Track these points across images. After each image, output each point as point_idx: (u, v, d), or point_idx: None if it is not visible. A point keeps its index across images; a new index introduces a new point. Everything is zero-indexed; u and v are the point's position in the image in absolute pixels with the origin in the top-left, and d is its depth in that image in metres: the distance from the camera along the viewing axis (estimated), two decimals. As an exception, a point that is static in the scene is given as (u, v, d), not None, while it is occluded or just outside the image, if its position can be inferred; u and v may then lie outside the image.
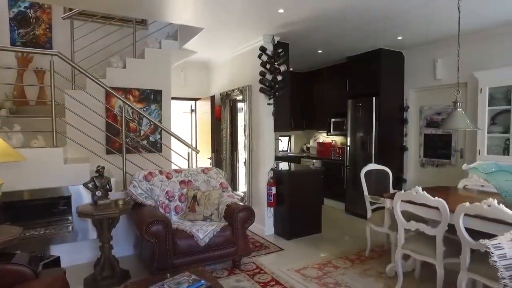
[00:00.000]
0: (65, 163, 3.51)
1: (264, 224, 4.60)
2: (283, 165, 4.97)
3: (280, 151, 7.19)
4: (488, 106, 4.07)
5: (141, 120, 4.83)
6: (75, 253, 3.51)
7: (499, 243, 1.51)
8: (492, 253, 1.50)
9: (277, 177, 4.50)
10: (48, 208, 3.40)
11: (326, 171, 5.93)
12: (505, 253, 1.49)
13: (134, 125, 4.75)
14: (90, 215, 2.97)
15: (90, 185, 3.14)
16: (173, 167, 4.54)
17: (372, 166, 4.01)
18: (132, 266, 3.47)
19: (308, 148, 7.40)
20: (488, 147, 4.10)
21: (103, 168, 3.20)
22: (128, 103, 4.12)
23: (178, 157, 4.58)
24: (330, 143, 6.68)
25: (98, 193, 3.12)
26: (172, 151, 4.74)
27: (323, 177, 4.85)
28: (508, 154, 3.89)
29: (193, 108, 6.80)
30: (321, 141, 6.97)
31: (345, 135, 5.81)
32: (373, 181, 3.92)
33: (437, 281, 2.63)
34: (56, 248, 3.40)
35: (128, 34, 4.98)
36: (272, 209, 4.60)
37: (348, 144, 5.64)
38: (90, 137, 3.91)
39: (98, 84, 3.92)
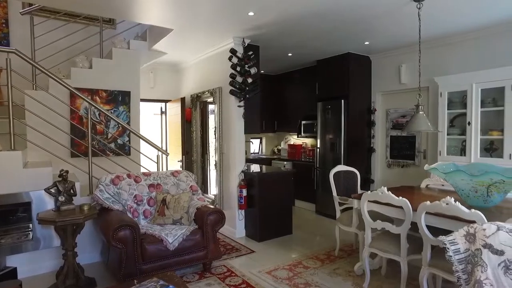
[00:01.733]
0: (24, 167, 3.33)
1: (235, 227, 4.59)
2: (254, 167, 4.98)
3: (251, 153, 7.22)
4: (447, 109, 4.30)
5: (109, 122, 4.68)
6: (35, 263, 3.33)
7: (454, 239, 1.60)
8: (448, 249, 1.59)
9: (248, 180, 4.51)
10: (5, 215, 3.20)
11: (297, 172, 6.00)
12: (459, 248, 1.57)
13: (101, 127, 4.59)
14: (52, 221, 2.83)
15: (52, 190, 2.99)
16: (142, 170, 4.44)
17: (341, 167, 4.12)
18: (99, 273, 3.35)
19: (279, 150, 7.48)
20: (447, 148, 4.32)
21: (67, 172, 3.07)
22: (95, 105, 3.98)
23: (147, 160, 4.48)
24: (301, 145, 6.78)
25: (61, 199, 2.98)
26: (141, 154, 4.63)
27: (294, 178, 4.91)
28: (465, 155, 4.11)
29: (163, 110, 6.68)
30: (292, 143, 7.07)
31: (315, 137, 5.92)
32: (342, 182, 4.02)
33: (401, 277, 2.74)
34: (14, 258, 3.21)
35: (94, 33, 4.81)
36: (243, 211, 4.60)
37: (318, 146, 5.75)
38: (53, 139, 3.74)
39: (62, 84, 3.76)
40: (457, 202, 2.28)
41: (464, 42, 4.37)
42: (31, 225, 3.25)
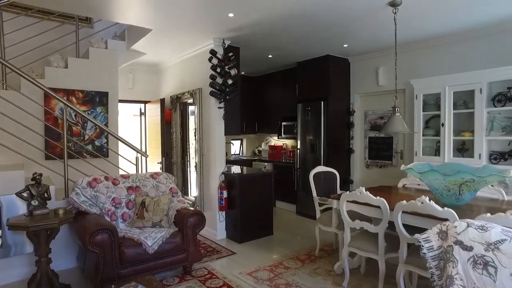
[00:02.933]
0: (-6, 170, 3.19)
1: (216, 229, 4.56)
2: (235, 169, 4.98)
3: (232, 154, 7.20)
4: (422, 111, 4.43)
5: (86, 124, 4.57)
6: (5, 271, 3.17)
7: (427, 237, 1.65)
8: (422, 246, 1.64)
9: (229, 181, 4.50)
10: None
11: (277, 173, 6.04)
12: (433, 245, 1.63)
13: (77, 129, 4.47)
14: (23, 227, 2.72)
15: (24, 194, 2.88)
16: (121, 172, 4.35)
17: (321, 168, 4.17)
18: (75, 279, 3.25)
19: (260, 151, 7.50)
20: (423, 148, 4.46)
21: (41, 175, 2.96)
22: (70, 105, 3.87)
23: (126, 162, 4.39)
24: (281, 146, 6.82)
25: (34, 203, 2.87)
26: (119, 156, 4.54)
27: (275, 179, 4.94)
28: (439, 155, 4.25)
29: (143, 111, 6.58)
30: (272, 144, 7.10)
31: (295, 138, 5.97)
32: (321, 183, 4.07)
33: (380, 275, 2.80)
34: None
35: (70, 32, 4.68)
36: (223, 213, 4.58)
37: (299, 147, 5.81)
38: (26, 141, 3.61)
39: (35, 84, 3.63)
40: (431, 201, 2.35)
41: (438, 46, 4.52)
42: (0, 231, 3.12)
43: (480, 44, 4.14)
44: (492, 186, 3.10)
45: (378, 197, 2.73)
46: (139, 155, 4.28)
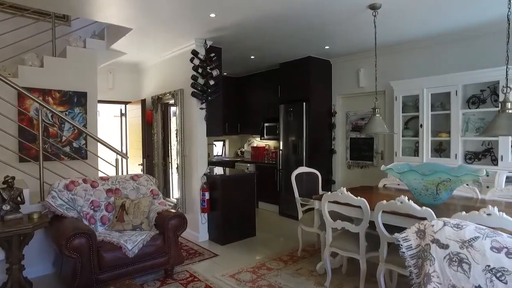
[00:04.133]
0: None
1: (198, 231, 4.51)
2: (218, 170, 4.94)
3: (214, 156, 7.16)
4: (402, 112, 4.53)
5: (63, 125, 4.43)
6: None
7: (406, 236, 1.68)
8: (401, 245, 1.66)
9: (211, 182, 4.46)
10: None
11: (260, 174, 6.04)
12: (411, 244, 1.66)
13: (54, 130, 4.33)
14: (-6, 232, 2.61)
15: (-5, 199, 2.77)
16: (100, 175, 4.24)
17: (302, 169, 4.19)
18: (51, 286, 3.15)
19: (242, 153, 7.48)
20: (402, 149, 4.55)
21: (13, 178, 2.85)
22: (46, 105, 3.75)
23: (105, 164, 4.29)
24: (264, 147, 6.83)
25: (6, 207, 2.75)
26: (98, 157, 4.42)
27: (257, 180, 4.93)
28: (418, 156, 4.36)
29: (123, 112, 6.45)
30: (255, 145, 7.10)
31: (278, 139, 5.99)
32: (304, 184, 4.09)
33: (361, 275, 2.83)
34: None
35: (46, 30, 4.52)
36: (206, 215, 4.54)
37: (281, 148, 5.83)
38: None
39: (7, 83, 3.49)
40: (410, 200, 2.40)
41: (416, 49, 4.63)
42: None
43: (455, 48, 4.27)
44: (467, 185, 3.19)
45: (359, 197, 2.77)
46: (119, 156, 4.20)
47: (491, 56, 3.77)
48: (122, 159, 4.51)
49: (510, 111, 2.31)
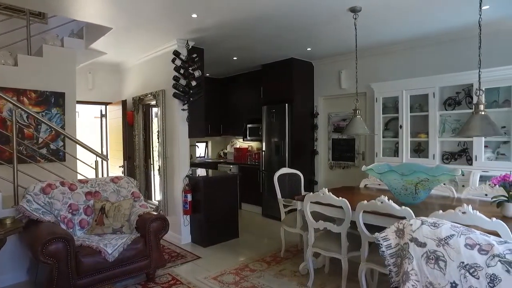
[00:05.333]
0: None
1: (180, 233, 4.46)
2: (200, 172, 4.91)
3: (197, 157, 7.11)
4: (382, 113, 4.62)
5: (39, 126, 4.30)
6: None
7: (386, 235, 1.71)
8: (381, 244, 1.70)
9: (193, 184, 4.42)
10: None
11: (243, 176, 6.03)
12: (391, 243, 1.69)
13: (29, 132, 4.19)
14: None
15: (-33, 203, 2.65)
16: (79, 177, 4.13)
17: (285, 170, 4.21)
18: (25, 293, 3.04)
19: (225, 154, 7.45)
20: (383, 150, 4.64)
21: (-14, 181, 2.74)
22: (20, 106, 3.63)
23: (85, 166, 4.18)
24: (247, 148, 6.83)
25: (-22, 212, 2.65)
26: (77, 160, 4.31)
27: (240, 182, 4.92)
28: (398, 156, 4.45)
29: (103, 113, 6.31)
30: (238, 146, 7.09)
31: (260, 141, 6.00)
32: (286, 184, 4.11)
33: (343, 274, 2.87)
34: None
35: (20, 27, 4.37)
36: (188, 217, 4.50)
37: (264, 149, 5.84)
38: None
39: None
40: (390, 200, 2.44)
41: (396, 52, 4.74)
42: None
43: (433, 51, 4.39)
44: (444, 184, 3.28)
45: (340, 198, 2.80)
46: (99, 159, 4.10)
47: (465, 60, 3.90)
48: (102, 161, 4.42)
49: (482, 113, 2.39)
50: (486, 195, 3.06)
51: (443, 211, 2.03)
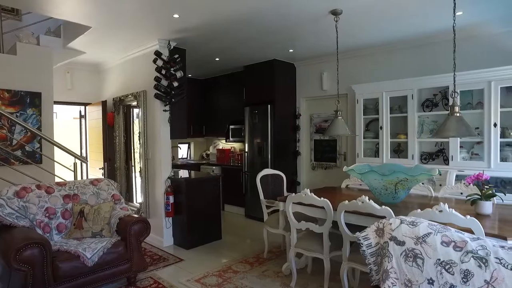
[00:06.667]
0: None
1: (162, 235, 4.40)
2: (182, 173, 4.86)
3: (179, 158, 7.03)
4: (363, 115, 4.70)
5: (14, 127, 4.14)
6: None
7: (366, 234, 1.74)
8: (362, 244, 1.72)
9: (175, 186, 4.37)
10: None
11: (226, 177, 6.02)
12: (371, 242, 1.72)
13: (2, 133, 4.04)
14: None
15: None
16: (57, 180, 4.02)
17: (268, 171, 4.22)
18: (-1, 301, 2.92)
19: (208, 155, 7.41)
20: (364, 150, 4.72)
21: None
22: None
23: (64, 168, 4.07)
24: (229, 149, 6.81)
25: None
26: (55, 162, 4.19)
27: (223, 183, 4.90)
28: (378, 156, 4.54)
29: (83, 113, 6.16)
30: (220, 147, 7.06)
31: (243, 142, 5.99)
32: (269, 185, 4.12)
33: (325, 274, 2.89)
34: None
35: (-9, 24, 4.22)
36: (170, 219, 4.44)
37: (246, 150, 5.83)
38: None
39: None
40: (370, 200, 2.49)
41: (376, 54, 4.83)
42: None
43: (411, 54, 4.51)
44: (422, 184, 3.37)
45: (322, 198, 2.83)
46: (78, 161, 4.00)
47: (442, 63, 4.02)
48: (81, 163, 4.31)
49: (457, 115, 2.48)
50: (461, 193, 3.16)
51: (421, 210, 2.08)
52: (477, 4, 3.27)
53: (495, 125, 3.60)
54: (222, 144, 7.08)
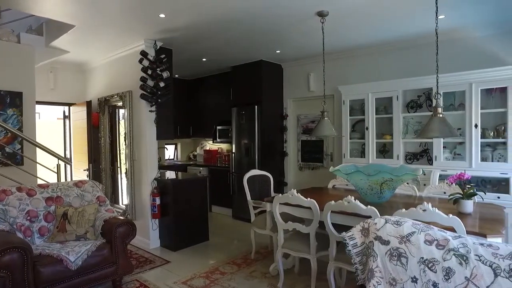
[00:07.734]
0: None
1: (148, 237, 4.35)
2: (169, 174, 4.81)
3: (166, 159, 6.97)
4: (349, 115, 4.75)
5: (-7, 128, 4.03)
6: None
7: (352, 234, 1.76)
8: (348, 243, 1.74)
9: (161, 187, 4.32)
10: None
11: (213, 178, 5.99)
12: (356, 242, 1.74)
13: (-18, 134, 3.92)
14: None
15: None
16: (39, 182, 3.92)
17: (255, 171, 4.22)
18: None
19: (195, 156, 7.36)
20: (350, 151, 4.77)
21: None
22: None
23: (47, 170, 3.97)
24: (217, 150, 6.79)
25: None
26: (37, 163, 4.09)
27: (210, 184, 4.88)
28: (364, 157, 4.59)
29: (66, 114, 6.04)
30: (207, 148, 7.03)
31: (230, 142, 5.98)
32: (256, 186, 4.12)
33: (312, 274, 2.91)
34: None
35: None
36: (157, 220, 4.39)
37: (234, 151, 5.82)
38: None
39: None
40: (356, 200, 2.51)
41: (362, 56, 4.90)
42: None
43: (395, 56, 4.58)
44: (407, 183, 3.43)
45: (308, 199, 2.84)
46: (61, 162, 3.91)
47: (426, 65, 4.09)
48: (65, 164, 4.22)
49: (441, 115, 2.53)
50: (444, 193, 3.23)
51: (406, 210, 2.12)
52: (458, 9, 3.36)
53: (476, 126, 3.69)
54: (209, 145, 7.05)
